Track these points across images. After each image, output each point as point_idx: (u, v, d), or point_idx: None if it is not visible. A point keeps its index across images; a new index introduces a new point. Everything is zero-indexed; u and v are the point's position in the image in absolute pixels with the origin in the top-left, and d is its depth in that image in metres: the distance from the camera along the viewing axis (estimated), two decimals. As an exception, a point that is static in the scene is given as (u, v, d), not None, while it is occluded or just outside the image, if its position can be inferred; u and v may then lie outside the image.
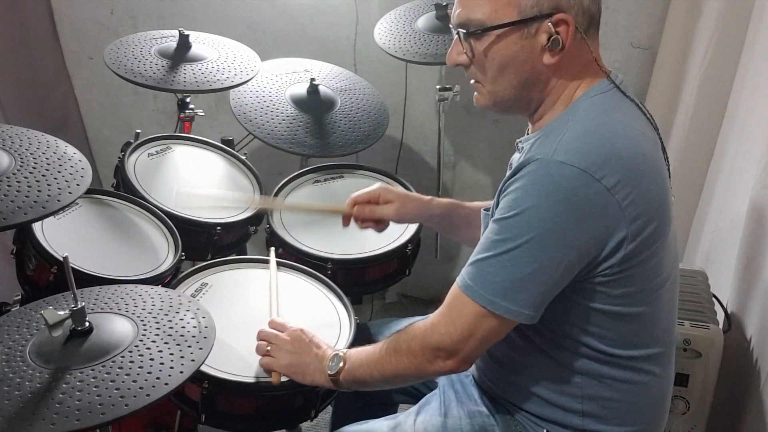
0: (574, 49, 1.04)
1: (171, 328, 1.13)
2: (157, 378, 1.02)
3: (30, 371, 1.02)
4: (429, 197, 1.47)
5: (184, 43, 1.87)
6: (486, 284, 1.01)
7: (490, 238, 1.02)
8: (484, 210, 1.14)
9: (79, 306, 1.06)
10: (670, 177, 1.10)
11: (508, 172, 1.04)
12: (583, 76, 1.07)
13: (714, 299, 1.66)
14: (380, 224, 1.46)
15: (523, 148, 1.11)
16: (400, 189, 1.48)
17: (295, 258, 1.60)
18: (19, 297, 1.47)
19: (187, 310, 1.18)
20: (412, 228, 1.71)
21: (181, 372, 1.04)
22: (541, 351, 1.12)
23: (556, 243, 0.98)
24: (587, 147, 0.98)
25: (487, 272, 1.01)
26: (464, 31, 1.06)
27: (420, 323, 1.12)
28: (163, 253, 1.53)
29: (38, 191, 1.20)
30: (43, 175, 1.24)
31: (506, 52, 1.04)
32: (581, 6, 1.02)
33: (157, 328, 1.12)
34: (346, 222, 1.45)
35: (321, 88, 1.96)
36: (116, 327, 1.12)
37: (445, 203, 1.46)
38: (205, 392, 1.22)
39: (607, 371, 1.10)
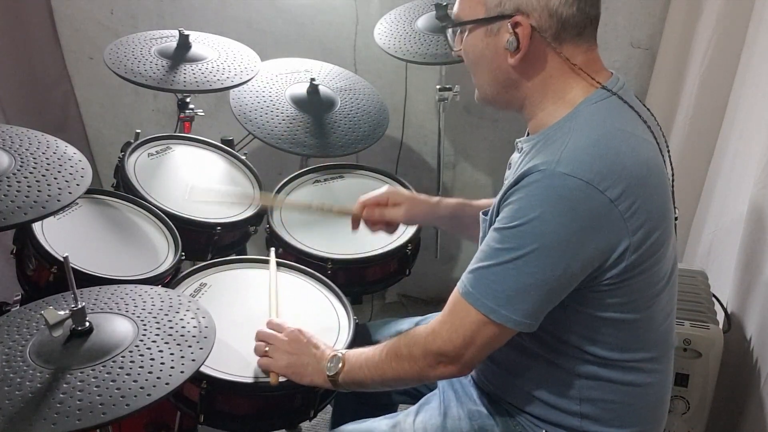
0: (538, 52, 1.04)
1: (171, 328, 1.13)
2: (158, 378, 1.02)
3: (30, 371, 1.02)
4: (437, 198, 1.47)
5: (184, 43, 1.87)
6: (488, 292, 1.01)
7: (491, 246, 1.02)
8: (483, 214, 1.14)
9: (79, 306, 1.06)
10: (673, 181, 1.10)
11: (510, 180, 1.03)
12: (565, 80, 1.05)
13: (714, 299, 1.66)
14: (391, 226, 1.49)
15: (522, 148, 1.11)
16: (406, 191, 1.50)
17: (295, 258, 1.60)
18: (19, 297, 1.47)
19: (187, 310, 1.18)
20: (412, 228, 1.70)
21: (182, 372, 1.04)
22: (539, 355, 1.12)
23: (558, 254, 0.98)
24: (590, 158, 0.97)
25: (490, 280, 1.01)
26: (451, 24, 1.13)
27: (421, 328, 1.12)
28: (163, 253, 1.53)
29: (38, 191, 1.20)
30: (43, 175, 1.24)
31: (475, 48, 1.09)
32: (546, 9, 1.01)
33: (157, 328, 1.12)
34: (355, 225, 1.47)
35: (321, 88, 1.95)
36: (116, 327, 1.12)
37: (452, 204, 1.46)
38: (204, 392, 1.22)
39: (606, 374, 1.10)
